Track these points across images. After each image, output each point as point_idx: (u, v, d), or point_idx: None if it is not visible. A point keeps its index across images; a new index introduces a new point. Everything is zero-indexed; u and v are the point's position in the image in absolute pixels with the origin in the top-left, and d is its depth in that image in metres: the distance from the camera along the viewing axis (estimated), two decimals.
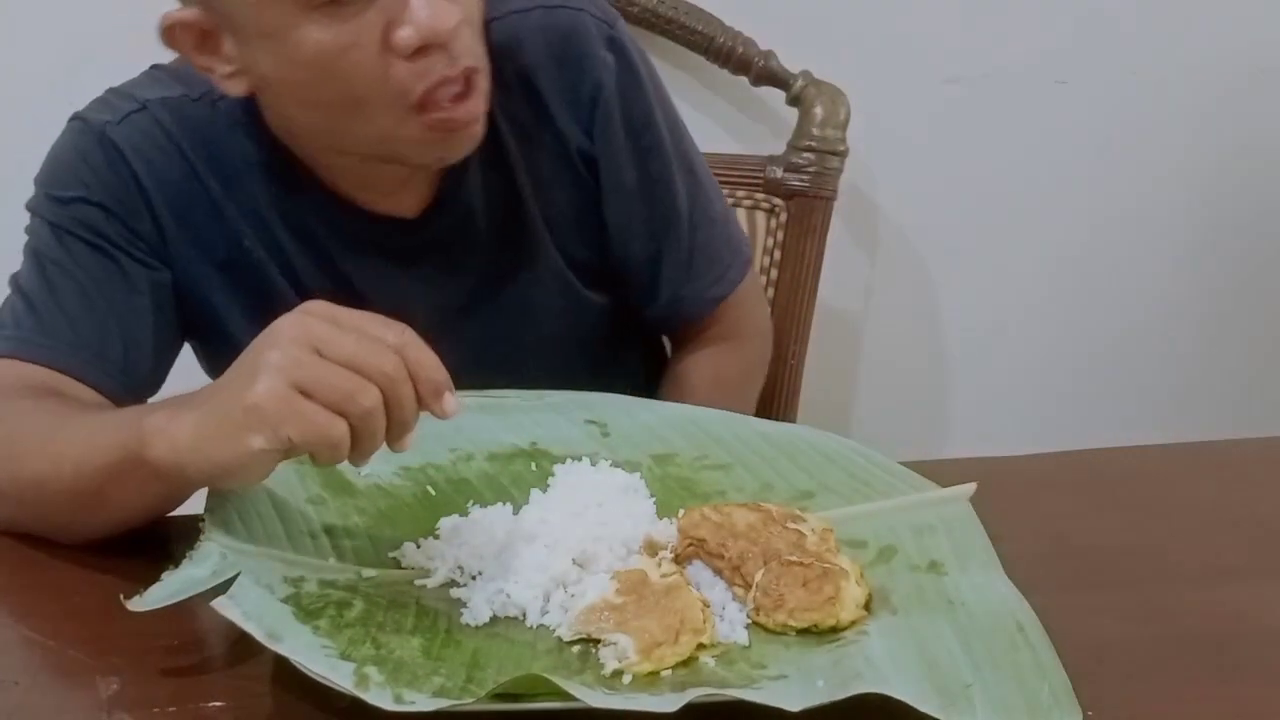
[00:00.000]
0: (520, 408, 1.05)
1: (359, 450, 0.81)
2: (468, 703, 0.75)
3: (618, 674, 0.79)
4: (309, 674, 0.76)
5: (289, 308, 0.83)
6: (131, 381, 1.07)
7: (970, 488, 0.95)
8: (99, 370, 1.05)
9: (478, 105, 1.02)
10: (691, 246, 1.20)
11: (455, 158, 1.06)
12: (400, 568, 0.90)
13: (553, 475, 0.96)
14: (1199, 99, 1.76)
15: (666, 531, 0.90)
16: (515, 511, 0.92)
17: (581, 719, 0.74)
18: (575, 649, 0.82)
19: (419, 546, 0.90)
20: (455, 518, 0.92)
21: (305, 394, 0.79)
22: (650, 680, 0.79)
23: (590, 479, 0.95)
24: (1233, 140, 1.78)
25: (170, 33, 1.01)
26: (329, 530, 0.92)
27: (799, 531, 0.88)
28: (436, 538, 0.90)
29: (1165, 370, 1.80)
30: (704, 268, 1.22)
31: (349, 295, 1.09)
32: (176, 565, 0.85)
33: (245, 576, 0.83)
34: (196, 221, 1.10)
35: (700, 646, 0.81)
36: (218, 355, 1.15)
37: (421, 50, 0.97)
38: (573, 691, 0.75)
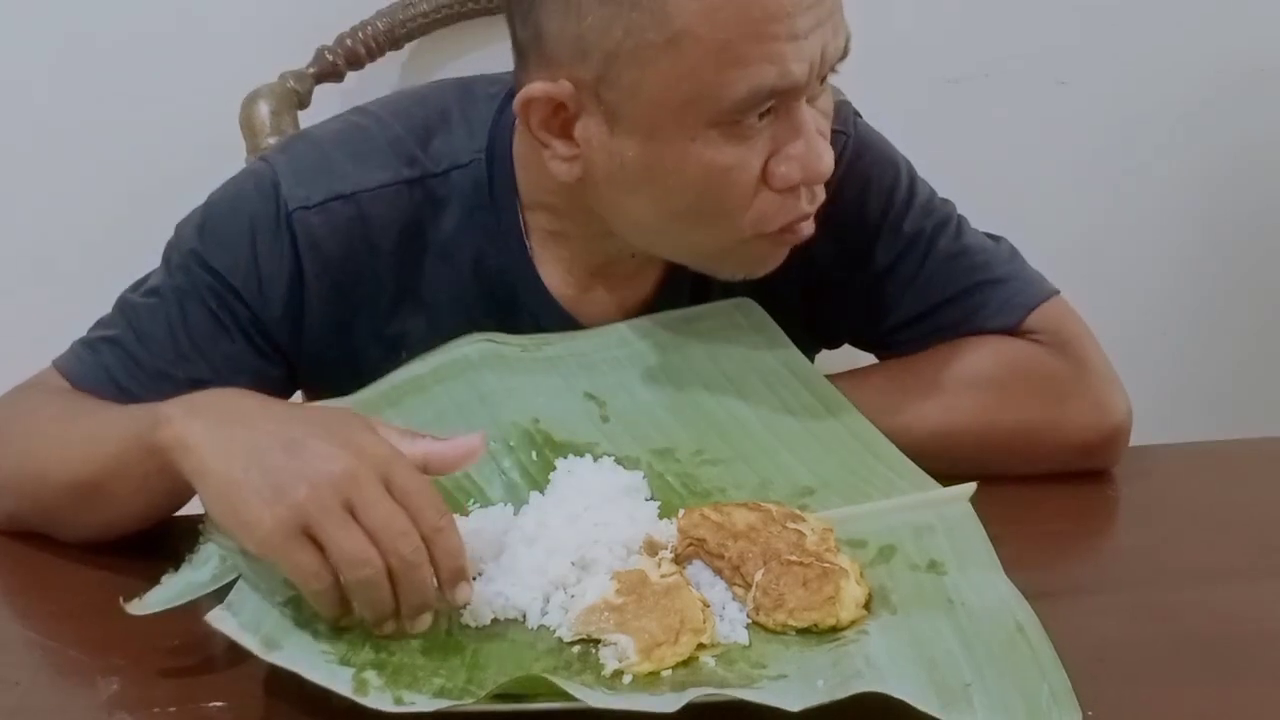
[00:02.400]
0: (521, 361, 1.03)
1: (370, 614, 0.81)
2: (468, 703, 0.75)
3: (618, 674, 0.79)
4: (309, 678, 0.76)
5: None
6: None
7: (970, 487, 0.94)
8: None
9: (811, 226, 1.00)
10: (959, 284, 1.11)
11: (762, 273, 1.03)
12: None
13: (554, 470, 0.96)
14: (1199, 99, 1.76)
15: (666, 531, 0.90)
16: (515, 513, 0.92)
17: (582, 719, 0.74)
18: (575, 649, 0.82)
19: None
20: (455, 518, 0.92)
21: (312, 539, 0.79)
22: (650, 680, 0.79)
23: (591, 479, 0.94)
24: (1233, 140, 1.78)
25: (529, 105, 0.95)
26: None
27: (799, 531, 0.88)
28: None
29: (1164, 370, 1.80)
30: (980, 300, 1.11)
31: None
32: (176, 568, 0.85)
33: (244, 582, 0.83)
34: (355, 323, 1.05)
35: (700, 646, 0.81)
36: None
37: (793, 186, 0.95)
38: (573, 692, 0.75)
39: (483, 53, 1.49)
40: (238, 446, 0.81)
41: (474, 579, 0.87)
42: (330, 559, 0.79)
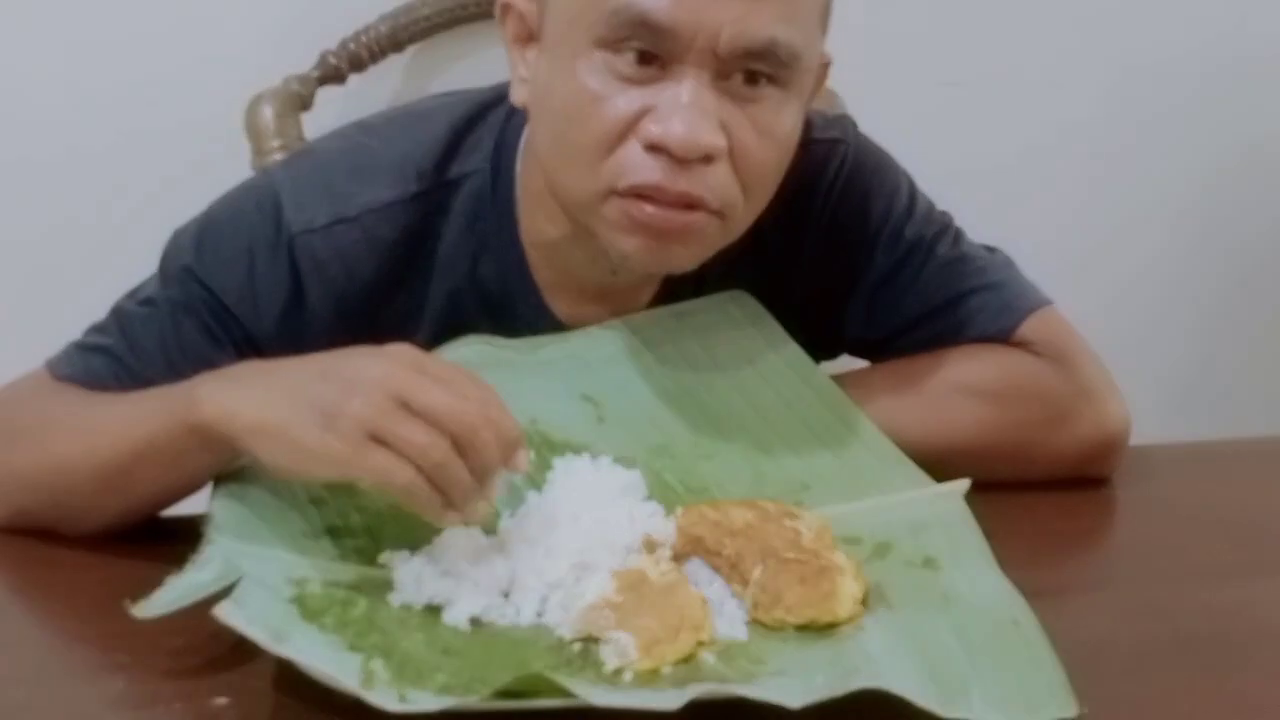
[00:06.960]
0: (516, 364, 1.03)
1: (449, 499, 0.83)
2: (471, 701, 0.75)
3: (619, 671, 0.79)
4: (315, 675, 0.77)
5: None
6: None
7: (964, 484, 0.95)
8: None
9: (684, 230, 0.95)
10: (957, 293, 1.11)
11: (656, 271, 1.02)
12: None
13: (551, 470, 0.96)
14: (1199, 99, 1.76)
15: (665, 530, 0.91)
16: (512, 514, 0.93)
17: (583, 717, 0.75)
18: (576, 647, 0.82)
19: (411, 554, 0.89)
20: None
21: (380, 442, 0.82)
22: (651, 677, 0.79)
23: (588, 479, 0.95)
24: (1232, 140, 1.79)
25: (504, 11, 0.99)
26: (332, 530, 0.92)
27: (795, 529, 0.88)
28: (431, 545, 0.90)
29: (1164, 370, 1.80)
30: (975, 309, 1.11)
31: None
32: (180, 569, 0.85)
33: (249, 579, 0.84)
34: (356, 337, 1.01)
35: (700, 644, 0.82)
36: None
37: (657, 149, 0.92)
38: (574, 690, 0.75)
39: (484, 56, 1.50)
40: (278, 393, 0.85)
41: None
42: (405, 455, 0.81)
